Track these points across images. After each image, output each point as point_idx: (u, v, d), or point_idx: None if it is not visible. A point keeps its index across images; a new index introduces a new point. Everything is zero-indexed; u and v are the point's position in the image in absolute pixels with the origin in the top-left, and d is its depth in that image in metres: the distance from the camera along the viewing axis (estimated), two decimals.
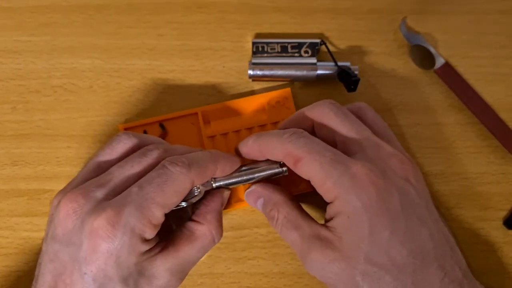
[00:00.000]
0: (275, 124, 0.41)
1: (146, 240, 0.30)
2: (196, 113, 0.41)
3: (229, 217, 0.40)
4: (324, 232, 0.31)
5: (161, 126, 0.41)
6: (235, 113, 0.41)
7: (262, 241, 0.40)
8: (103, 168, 0.32)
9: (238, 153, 0.35)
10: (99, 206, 0.29)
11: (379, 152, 0.32)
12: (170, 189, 0.30)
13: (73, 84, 0.43)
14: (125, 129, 0.40)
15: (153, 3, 0.44)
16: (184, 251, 0.32)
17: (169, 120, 0.41)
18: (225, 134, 0.41)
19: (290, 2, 0.44)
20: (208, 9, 0.44)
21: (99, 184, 0.30)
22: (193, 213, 0.34)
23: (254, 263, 0.39)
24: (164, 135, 0.41)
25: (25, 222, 0.40)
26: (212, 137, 0.41)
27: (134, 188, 0.30)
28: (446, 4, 0.44)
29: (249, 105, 0.41)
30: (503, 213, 0.40)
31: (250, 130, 0.41)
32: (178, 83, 0.43)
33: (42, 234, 0.40)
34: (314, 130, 0.35)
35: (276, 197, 0.34)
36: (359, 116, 0.35)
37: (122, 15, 0.44)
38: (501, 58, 0.43)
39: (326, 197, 0.31)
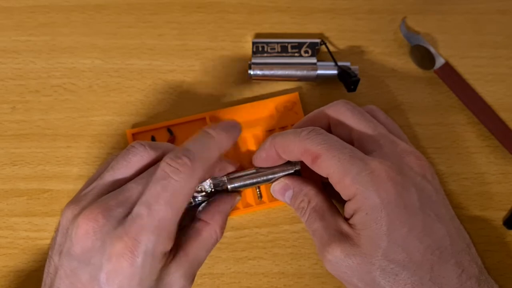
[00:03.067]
0: (283, 128, 0.41)
1: (165, 254, 0.30)
2: (204, 118, 0.40)
3: (229, 217, 0.40)
4: (345, 227, 0.31)
5: (169, 131, 0.41)
6: (243, 118, 0.41)
7: (263, 241, 0.40)
8: (119, 183, 0.32)
9: (256, 163, 0.35)
10: (118, 229, 0.29)
11: (395, 149, 0.32)
12: (179, 200, 0.30)
13: (72, 84, 0.43)
14: (133, 134, 0.40)
15: (153, 3, 0.44)
16: (193, 253, 0.32)
17: (177, 125, 0.41)
18: None
19: (290, 2, 0.44)
20: (207, 9, 0.44)
21: (119, 203, 0.30)
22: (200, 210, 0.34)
23: (254, 263, 0.39)
24: (172, 140, 0.41)
25: (24, 222, 0.40)
26: None
27: (142, 208, 0.29)
28: (446, 4, 0.44)
29: (257, 110, 0.41)
30: (503, 213, 0.40)
31: (258, 135, 0.41)
32: (178, 83, 0.43)
33: (41, 234, 0.40)
34: (330, 129, 0.35)
35: (307, 188, 0.34)
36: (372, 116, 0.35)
37: (122, 15, 0.44)
38: (501, 58, 0.43)
39: (344, 194, 0.31)
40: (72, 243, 0.29)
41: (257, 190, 0.38)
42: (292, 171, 0.35)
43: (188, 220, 0.34)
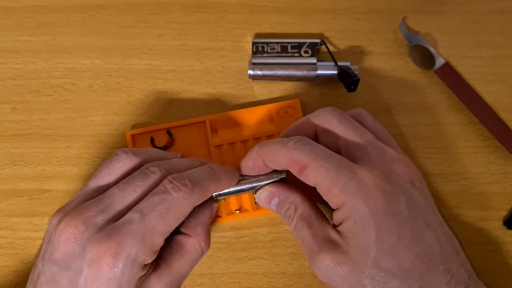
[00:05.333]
0: None
1: (145, 266, 0.30)
2: (203, 122, 0.40)
3: (228, 219, 0.40)
4: (334, 235, 0.31)
5: (169, 133, 0.41)
6: (243, 122, 0.41)
7: (262, 241, 0.40)
8: (102, 189, 0.32)
9: (242, 171, 0.35)
10: (100, 233, 0.29)
11: (383, 156, 0.32)
12: (172, 216, 0.30)
13: (73, 84, 0.43)
14: (132, 136, 0.40)
15: (153, 3, 0.44)
16: (176, 266, 0.32)
17: (177, 127, 0.41)
18: (232, 144, 0.41)
19: (290, 2, 0.44)
20: (208, 9, 0.44)
21: (100, 210, 0.30)
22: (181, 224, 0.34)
23: (254, 263, 0.39)
24: (171, 142, 0.40)
25: (24, 222, 0.40)
26: (219, 146, 0.40)
27: (135, 215, 0.30)
28: (446, 4, 0.44)
29: (257, 115, 0.41)
30: (503, 213, 0.40)
31: (257, 140, 0.41)
32: (178, 83, 0.43)
33: (41, 234, 0.40)
34: (318, 137, 0.35)
35: (293, 195, 0.34)
36: (359, 122, 0.34)
37: (122, 15, 0.44)
38: (501, 58, 0.43)
39: (332, 203, 0.31)
40: (54, 249, 0.30)
41: (254, 194, 0.38)
42: (278, 179, 0.35)
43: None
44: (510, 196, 0.41)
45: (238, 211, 0.39)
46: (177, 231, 0.34)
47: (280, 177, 0.35)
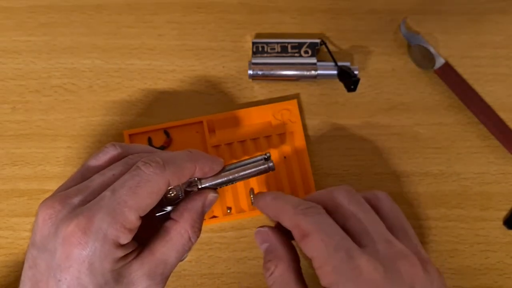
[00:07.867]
0: (280, 135, 0.41)
1: (121, 246, 0.29)
2: (201, 122, 0.40)
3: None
4: None
5: (166, 133, 0.41)
6: (241, 123, 0.41)
7: None
8: (86, 176, 0.32)
9: (254, 202, 0.35)
10: (73, 212, 0.29)
11: (390, 249, 0.30)
12: (144, 191, 0.29)
13: (73, 84, 0.43)
14: (130, 135, 0.40)
15: (153, 3, 0.44)
16: (160, 252, 0.31)
17: (174, 127, 0.41)
18: (229, 144, 0.41)
19: (290, 2, 0.44)
20: (208, 9, 0.44)
21: (78, 191, 0.30)
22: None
23: (255, 263, 0.39)
24: (168, 142, 0.41)
25: (25, 222, 0.40)
26: (216, 146, 0.41)
27: (107, 193, 0.29)
28: (446, 4, 0.44)
29: (255, 116, 0.41)
30: (503, 213, 0.40)
31: (255, 140, 0.41)
32: (178, 83, 0.43)
33: None
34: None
35: (281, 251, 0.32)
36: (375, 206, 0.33)
37: (122, 15, 0.44)
38: (501, 58, 0.43)
39: (322, 280, 0.29)
40: (34, 232, 0.29)
41: (251, 195, 0.38)
42: (263, 167, 0.33)
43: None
44: (510, 196, 0.41)
45: (229, 211, 0.39)
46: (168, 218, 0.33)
47: (268, 165, 0.33)
